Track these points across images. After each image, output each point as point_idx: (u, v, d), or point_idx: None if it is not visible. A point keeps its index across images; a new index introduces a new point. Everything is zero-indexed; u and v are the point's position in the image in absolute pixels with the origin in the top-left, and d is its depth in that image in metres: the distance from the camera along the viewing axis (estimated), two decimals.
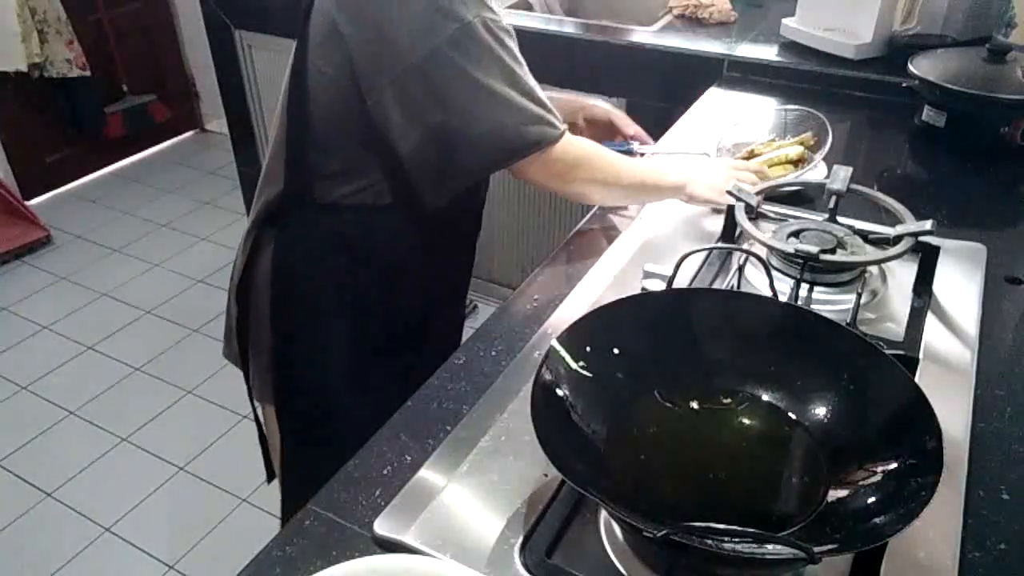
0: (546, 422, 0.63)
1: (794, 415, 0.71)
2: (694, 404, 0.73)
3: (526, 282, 1.03)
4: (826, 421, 0.69)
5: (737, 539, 0.56)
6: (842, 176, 0.99)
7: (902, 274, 1.00)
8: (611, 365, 0.72)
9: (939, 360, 0.86)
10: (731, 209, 1.03)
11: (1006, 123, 1.33)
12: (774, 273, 0.83)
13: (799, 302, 0.90)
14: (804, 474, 0.67)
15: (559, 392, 0.68)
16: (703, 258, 1.01)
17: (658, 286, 0.92)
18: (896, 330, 0.91)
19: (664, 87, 1.76)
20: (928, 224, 0.91)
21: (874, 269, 0.99)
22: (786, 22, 1.73)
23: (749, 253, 0.88)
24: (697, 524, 0.57)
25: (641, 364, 0.73)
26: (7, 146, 3.09)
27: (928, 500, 0.55)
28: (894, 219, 0.96)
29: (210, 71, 2.57)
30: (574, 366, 0.70)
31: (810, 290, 0.94)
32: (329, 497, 0.71)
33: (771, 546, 0.55)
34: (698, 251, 0.85)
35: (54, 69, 3.01)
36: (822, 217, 0.99)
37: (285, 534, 0.68)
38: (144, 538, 1.84)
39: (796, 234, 0.95)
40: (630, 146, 1.28)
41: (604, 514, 0.68)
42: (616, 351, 0.73)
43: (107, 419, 2.18)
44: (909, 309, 0.94)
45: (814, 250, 0.89)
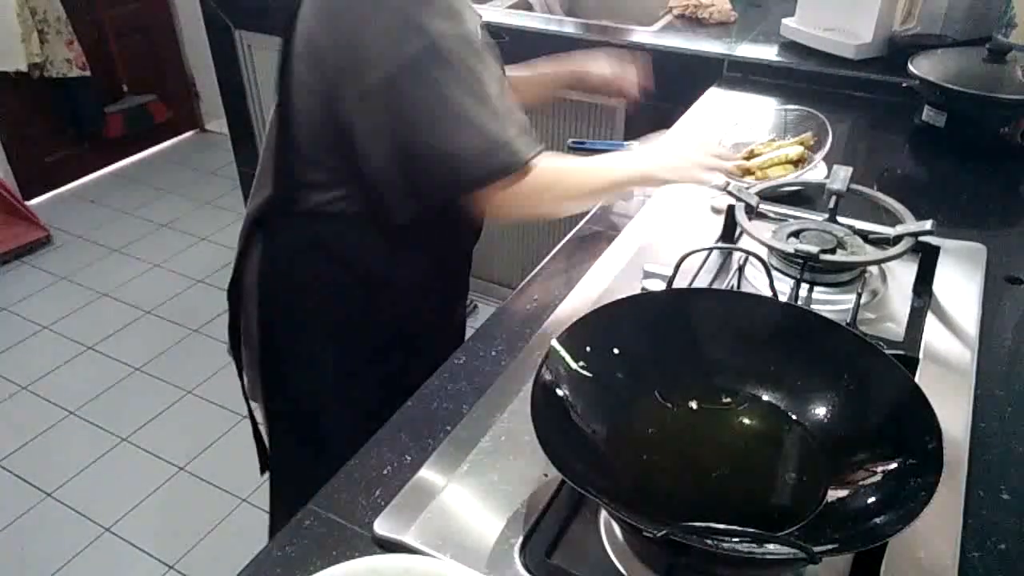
0: (546, 422, 0.63)
1: (794, 415, 0.71)
2: (694, 404, 0.73)
3: (526, 282, 1.03)
4: (826, 421, 0.69)
5: (737, 539, 0.56)
6: (842, 176, 1.00)
7: (902, 274, 1.00)
8: (611, 365, 0.72)
9: (939, 360, 0.86)
10: (731, 209, 1.03)
11: (1006, 123, 1.33)
12: (774, 273, 0.83)
13: (799, 302, 0.90)
14: (804, 474, 0.67)
15: (559, 392, 0.67)
16: (703, 258, 1.01)
17: (658, 286, 0.92)
18: (896, 330, 0.91)
19: (664, 87, 1.76)
20: (928, 224, 0.91)
21: (874, 269, 0.99)
22: (786, 22, 1.73)
23: (749, 253, 0.88)
24: (697, 524, 0.57)
25: (641, 364, 0.73)
26: (7, 146, 3.09)
27: (928, 500, 0.55)
28: (894, 219, 0.96)
29: (210, 71, 2.57)
30: (574, 366, 0.70)
31: (810, 290, 0.94)
32: (329, 497, 0.71)
33: (771, 546, 0.55)
34: (698, 251, 0.85)
35: (54, 69, 3.01)
36: (822, 217, 0.99)
37: (285, 534, 0.68)
38: (144, 538, 1.84)
39: (796, 234, 0.95)
40: (627, 146, 1.27)
41: (604, 514, 0.68)
42: (616, 351, 0.73)
43: (107, 419, 2.18)
44: (909, 309, 0.94)
45: (814, 250, 0.89)
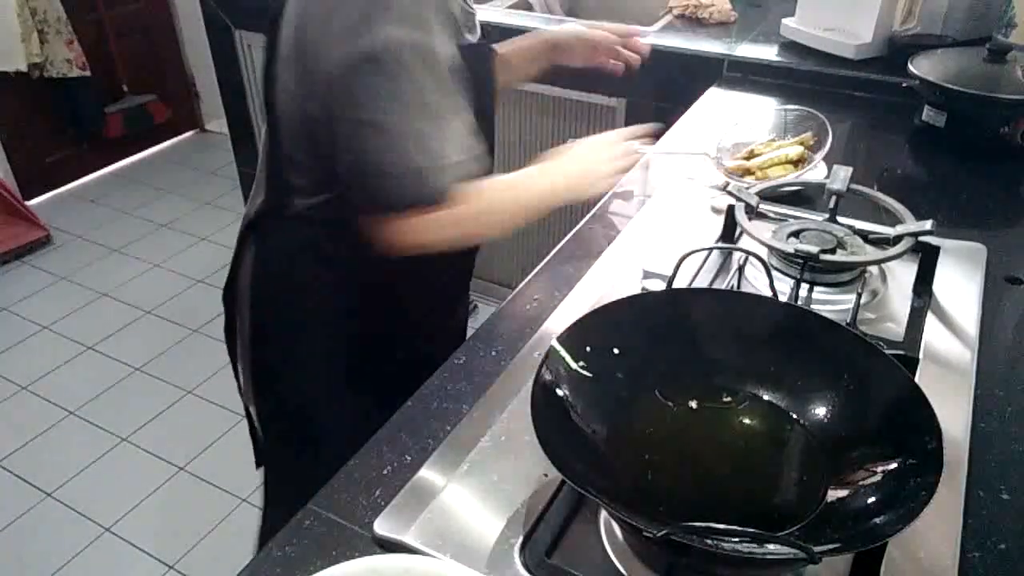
0: (546, 422, 0.63)
1: (794, 415, 0.71)
2: (694, 404, 0.73)
3: (526, 282, 1.03)
4: (826, 421, 0.69)
5: (737, 539, 0.56)
6: (842, 176, 0.99)
7: (902, 274, 1.00)
8: (611, 365, 0.72)
9: (939, 360, 0.86)
10: (731, 209, 1.03)
11: (1006, 123, 1.33)
12: (774, 273, 0.83)
13: (799, 302, 0.90)
14: (804, 474, 0.67)
15: (559, 392, 0.67)
16: (703, 258, 1.01)
17: (658, 286, 0.92)
18: (896, 330, 0.91)
19: (664, 87, 1.76)
20: (928, 224, 0.91)
21: (874, 269, 0.99)
22: (786, 22, 1.73)
23: (749, 253, 0.88)
24: (697, 524, 0.57)
25: (641, 364, 0.73)
26: (7, 146, 3.09)
27: (928, 500, 0.55)
28: (894, 219, 0.96)
29: (210, 71, 2.57)
30: (574, 366, 0.70)
31: (810, 290, 0.94)
32: (329, 497, 0.71)
33: (771, 546, 0.55)
34: (698, 251, 0.85)
35: (54, 69, 3.01)
36: (822, 217, 0.99)
37: (285, 534, 0.68)
38: (144, 538, 1.84)
39: (796, 234, 0.95)
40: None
41: (604, 514, 0.68)
42: (616, 351, 0.73)
43: (107, 419, 2.18)
44: (909, 309, 0.94)
45: (814, 250, 0.89)
